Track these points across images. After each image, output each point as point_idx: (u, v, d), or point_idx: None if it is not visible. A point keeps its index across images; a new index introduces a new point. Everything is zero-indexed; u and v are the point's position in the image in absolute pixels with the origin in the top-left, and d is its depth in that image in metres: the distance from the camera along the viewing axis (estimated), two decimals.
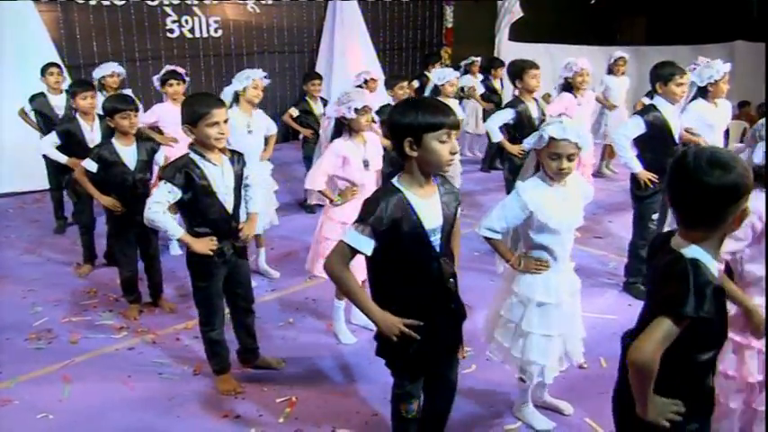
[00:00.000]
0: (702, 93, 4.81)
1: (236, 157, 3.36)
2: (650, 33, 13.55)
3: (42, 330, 4.24)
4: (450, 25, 12.06)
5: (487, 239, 2.95)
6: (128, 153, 4.28)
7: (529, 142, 2.89)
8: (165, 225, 3.20)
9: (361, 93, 3.78)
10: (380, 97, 7.53)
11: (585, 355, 3.18)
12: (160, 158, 4.46)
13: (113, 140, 4.29)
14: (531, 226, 2.88)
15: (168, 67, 5.60)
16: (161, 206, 3.14)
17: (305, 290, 4.69)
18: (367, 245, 2.28)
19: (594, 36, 11.97)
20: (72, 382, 3.62)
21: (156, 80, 5.64)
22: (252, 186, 3.50)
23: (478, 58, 9.47)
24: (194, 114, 3.10)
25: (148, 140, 4.52)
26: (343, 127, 3.80)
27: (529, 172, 2.98)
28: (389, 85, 6.29)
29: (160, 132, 5.69)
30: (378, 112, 5.01)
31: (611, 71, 7.91)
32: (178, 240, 3.31)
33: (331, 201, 3.88)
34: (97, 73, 6.25)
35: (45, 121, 5.92)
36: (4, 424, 3.25)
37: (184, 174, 3.13)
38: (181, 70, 5.60)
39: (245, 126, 4.67)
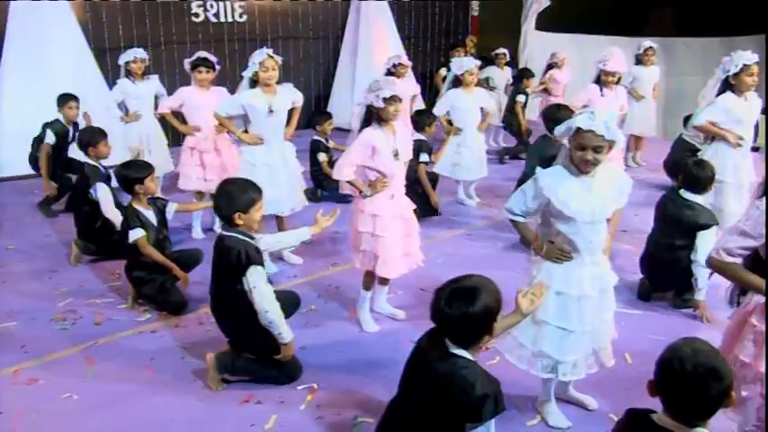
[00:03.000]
0: (730, 86, 4.72)
1: None
2: (679, 24, 13.33)
3: (67, 311, 4.28)
4: (475, 13, 11.95)
5: (511, 222, 3.02)
6: (150, 215, 4.33)
7: (559, 131, 2.85)
8: (280, 325, 3.30)
9: (392, 82, 3.71)
10: (410, 84, 7.49)
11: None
12: (171, 211, 4.50)
13: (135, 206, 4.28)
14: (553, 212, 2.86)
15: (200, 54, 5.55)
16: (268, 285, 3.29)
17: (328, 276, 4.68)
18: None
19: (622, 27, 11.80)
20: (96, 364, 3.65)
21: (186, 63, 5.61)
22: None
23: (505, 51, 9.40)
24: (249, 200, 3.28)
25: (156, 199, 4.50)
26: (372, 116, 3.77)
27: (560, 161, 2.94)
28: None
29: (183, 121, 5.69)
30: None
31: (639, 61, 7.80)
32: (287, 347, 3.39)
33: (360, 192, 3.85)
34: (122, 59, 6.27)
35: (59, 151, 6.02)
36: (31, 402, 3.29)
37: (258, 253, 3.31)
38: (213, 58, 5.55)
39: (266, 107, 4.62)
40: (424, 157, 5.87)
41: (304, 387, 3.42)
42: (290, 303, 3.73)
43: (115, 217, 4.89)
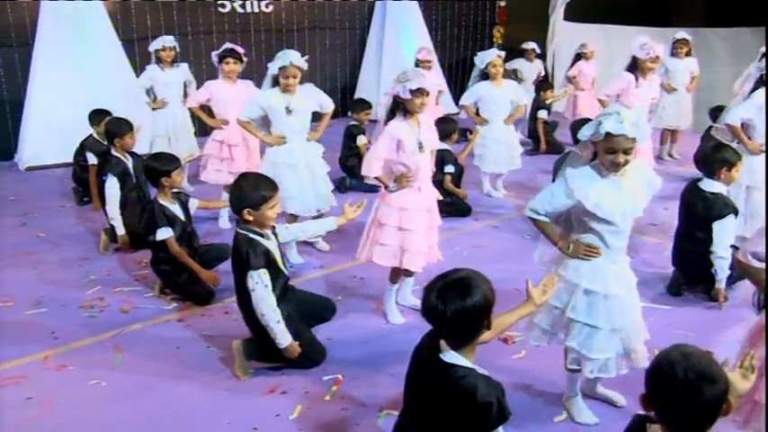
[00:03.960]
0: (765, 83, 4.63)
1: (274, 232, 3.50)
2: (710, 14, 13.05)
3: (95, 299, 4.33)
4: (502, 4, 11.83)
5: (533, 221, 2.95)
6: (177, 209, 4.35)
7: (585, 134, 2.79)
8: (275, 330, 3.28)
9: (420, 74, 3.66)
10: (437, 76, 7.48)
11: None
12: (193, 207, 4.52)
13: (160, 201, 4.29)
14: (583, 213, 2.81)
15: (227, 45, 5.58)
16: (269, 289, 3.26)
17: (353, 268, 4.67)
18: None
19: (651, 17, 11.59)
20: (123, 351, 3.69)
21: (213, 56, 5.63)
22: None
23: (533, 44, 9.33)
24: (258, 198, 3.24)
25: (179, 194, 4.50)
26: (398, 107, 3.74)
27: (582, 159, 2.88)
28: None
29: (210, 113, 5.72)
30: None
31: (671, 53, 7.67)
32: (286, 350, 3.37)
33: (386, 187, 3.84)
34: (152, 46, 6.34)
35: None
36: (60, 388, 3.33)
37: (264, 255, 3.27)
38: (240, 49, 5.56)
39: (284, 106, 4.59)
40: (448, 168, 5.85)
41: (329, 378, 3.41)
42: (324, 309, 3.76)
43: (112, 212, 4.94)
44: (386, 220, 3.82)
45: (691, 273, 4.39)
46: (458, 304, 2.09)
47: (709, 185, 4.22)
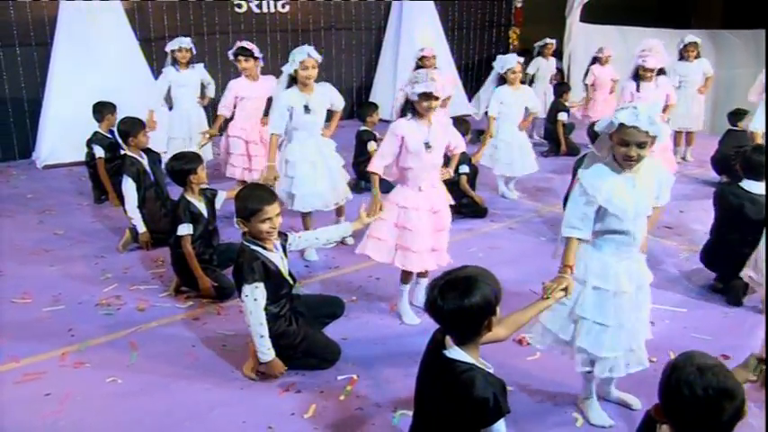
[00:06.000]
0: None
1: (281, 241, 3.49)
2: (728, 15, 12.96)
3: (111, 297, 4.36)
4: (519, 5, 11.80)
5: (567, 239, 2.86)
6: (202, 207, 4.39)
7: (601, 126, 2.78)
8: (258, 343, 3.30)
9: (430, 78, 3.57)
10: (449, 77, 7.48)
11: (655, 348, 3.08)
12: (220, 200, 4.54)
13: (187, 197, 4.33)
14: (599, 211, 2.79)
15: (239, 43, 5.64)
16: (259, 304, 3.25)
17: (368, 268, 4.67)
18: None
19: (668, 18, 11.53)
20: (139, 349, 3.71)
21: (230, 55, 5.71)
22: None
23: (553, 41, 9.27)
24: (246, 210, 3.23)
25: (206, 190, 4.50)
26: (408, 107, 3.73)
27: (599, 158, 2.86)
28: None
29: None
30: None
31: (681, 57, 7.65)
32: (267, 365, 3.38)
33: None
34: (169, 47, 6.39)
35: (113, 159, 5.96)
36: (77, 384, 3.36)
37: (262, 268, 3.25)
38: (250, 46, 5.61)
39: (302, 105, 4.62)
40: (463, 168, 5.84)
41: (344, 377, 3.42)
42: (334, 305, 3.76)
43: (133, 213, 4.99)
44: (384, 215, 3.82)
45: (725, 272, 4.33)
46: (455, 303, 2.11)
47: (754, 186, 4.19)
